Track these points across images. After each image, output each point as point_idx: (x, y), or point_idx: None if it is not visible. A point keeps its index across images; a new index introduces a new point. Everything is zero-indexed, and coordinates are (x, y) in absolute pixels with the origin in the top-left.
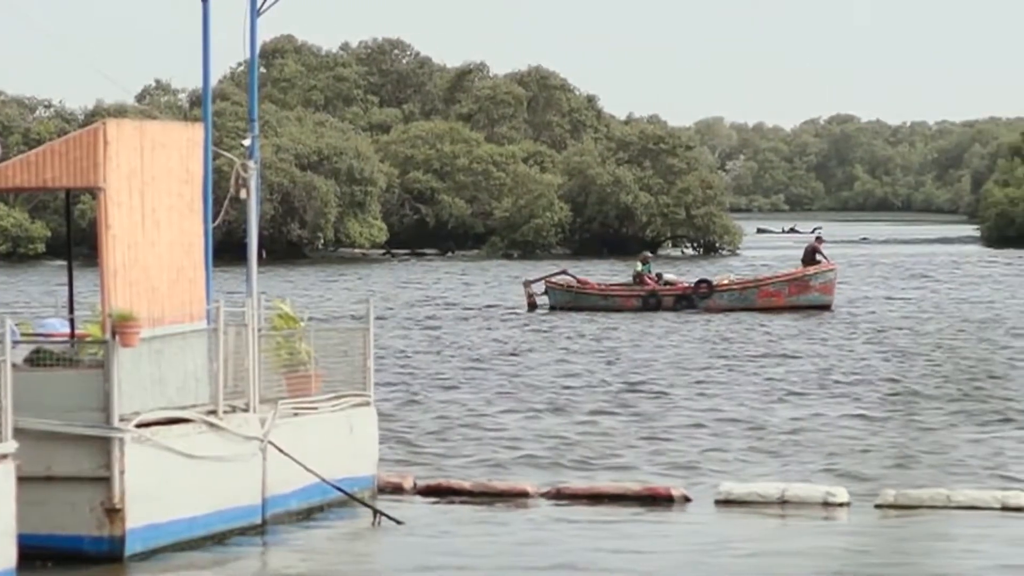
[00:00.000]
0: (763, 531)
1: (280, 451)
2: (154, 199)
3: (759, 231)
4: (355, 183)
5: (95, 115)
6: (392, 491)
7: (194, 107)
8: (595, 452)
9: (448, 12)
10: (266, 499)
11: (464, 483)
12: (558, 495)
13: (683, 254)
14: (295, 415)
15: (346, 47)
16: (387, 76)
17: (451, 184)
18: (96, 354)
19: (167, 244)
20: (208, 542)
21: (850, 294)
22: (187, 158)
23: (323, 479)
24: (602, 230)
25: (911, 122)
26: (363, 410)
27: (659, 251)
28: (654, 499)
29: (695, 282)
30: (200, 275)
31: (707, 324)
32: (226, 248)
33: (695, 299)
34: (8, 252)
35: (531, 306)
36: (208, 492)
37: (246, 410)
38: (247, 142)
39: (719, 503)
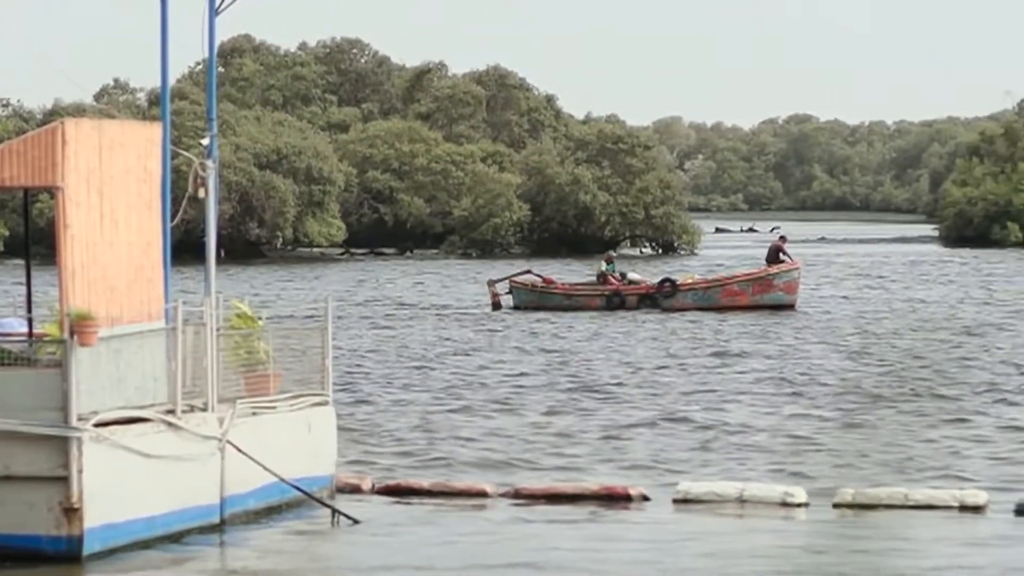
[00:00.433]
0: (721, 530)
1: (238, 450)
2: (112, 198)
3: (717, 231)
4: (314, 182)
5: (53, 114)
6: (351, 491)
7: (152, 106)
8: (550, 452)
9: (407, 11)
10: (224, 498)
11: (423, 483)
12: (517, 495)
13: (641, 254)
14: (253, 414)
15: (304, 46)
16: (346, 75)
17: (410, 183)
18: (54, 353)
19: (125, 244)
20: (166, 541)
21: (807, 294)
22: (145, 157)
23: (281, 478)
24: (561, 229)
25: (869, 122)
26: (321, 409)
27: (618, 250)
28: (612, 499)
29: (659, 281)
30: (158, 274)
31: (666, 323)
32: (185, 247)
33: (659, 298)
34: None
35: (495, 305)
36: (166, 491)
37: (204, 409)
38: (205, 141)
39: (677, 502)
